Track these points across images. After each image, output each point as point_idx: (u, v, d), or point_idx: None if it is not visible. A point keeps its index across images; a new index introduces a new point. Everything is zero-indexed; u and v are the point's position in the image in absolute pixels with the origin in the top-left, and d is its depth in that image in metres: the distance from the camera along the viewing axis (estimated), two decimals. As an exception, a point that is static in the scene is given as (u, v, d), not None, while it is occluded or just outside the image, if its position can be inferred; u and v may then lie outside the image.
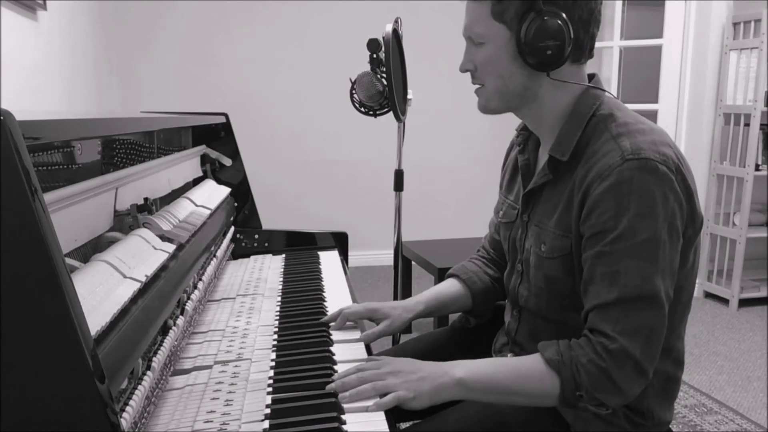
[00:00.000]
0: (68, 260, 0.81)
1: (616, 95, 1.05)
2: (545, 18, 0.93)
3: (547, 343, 0.96)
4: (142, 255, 0.93)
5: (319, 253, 1.71)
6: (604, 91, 1.04)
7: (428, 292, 1.25)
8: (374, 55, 1.84)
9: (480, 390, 0.93)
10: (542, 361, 0.93)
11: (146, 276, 0.87)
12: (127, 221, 1.03)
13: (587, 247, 0.94)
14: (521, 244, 1.12)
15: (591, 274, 0.93)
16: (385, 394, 0.88)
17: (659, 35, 3.56)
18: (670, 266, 0.92)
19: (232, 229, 1.71)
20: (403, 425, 1.25)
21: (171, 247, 1.04)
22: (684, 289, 1.00)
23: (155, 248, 0.99)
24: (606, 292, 0.91)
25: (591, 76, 1.06)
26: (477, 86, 1.06)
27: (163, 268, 0.96)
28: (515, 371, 0.95)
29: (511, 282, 1.17)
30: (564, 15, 0.94)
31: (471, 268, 1.28)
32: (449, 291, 1.25)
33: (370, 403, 0.86)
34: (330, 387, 0.88)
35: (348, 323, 1.16)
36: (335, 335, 1.11)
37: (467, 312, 1.29)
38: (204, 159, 1.75)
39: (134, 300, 0.80)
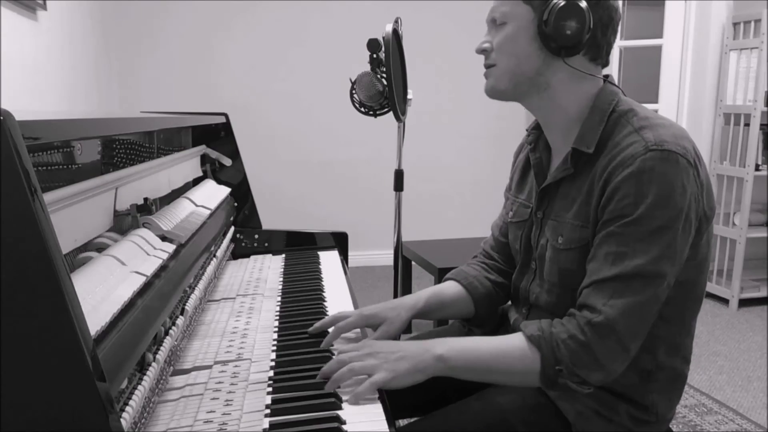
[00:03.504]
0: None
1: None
2: (569, 1, 0.97)
3: (529, 321, 0.98)
4: (141, 255, 0.93)
5: (319, 253, 1.71)
6: (620, 89, 1.06)
7: (427, 290, 1.22)
8: (374, 55, 1.84)
9: (461, 367, 0.94)
10: (524, 338, 0.95)
11: (148, 274, 0.87)
12: (127, 221, 1.03)
13: (601, 229, 0.96)
14: (536, 241, 1.12)
15: (596, 252, 0.95)
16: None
17: (659, 35, 3.56)
18: (679, 256, 0.93)
19: (232, 229, 1.71)
20: (403, 422, 1.25)
21: (171, 247, 1.04)
22: (697, 284, 1.01)
23: (155, 248, 0.99)
24: (607, 269, 0.93)
25: (605, 77, 1.07)
26: (488, 67, 1.07)
27: (162, 268, 0.96)
28: (496, 348, 0.96)
29: (522, 281, 1.16)
30: (586, 5, 0.97)
31: (471, 273, 1.25)
32: (449, 291, 1.23)
33: (348, 396, 0.85)
34: (318, 378, 0.89)
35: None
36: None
37: (468, 320, 1.26)
38: (204, 159, 1.75)
39: (134, 300, 0.80)
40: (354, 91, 1.86)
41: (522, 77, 1.03)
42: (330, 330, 1.08)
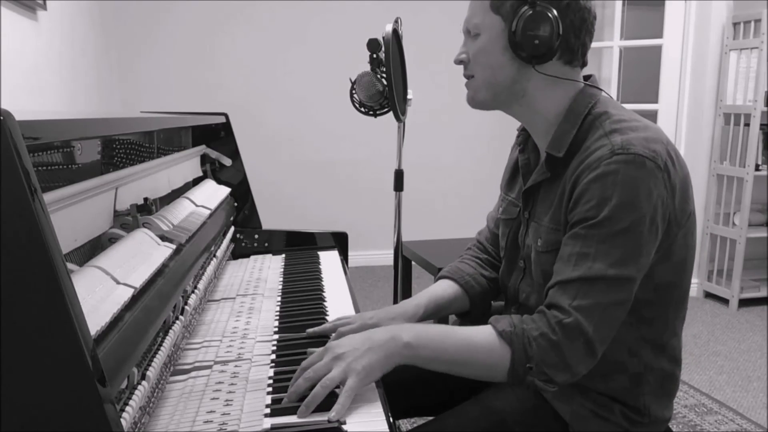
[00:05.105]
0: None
1: (616, 95, 1.07)
2: (537, 10, 0.97)
3: (499, 316, 0.98)
4: (141, 255, 0.93)
5: (319, 253, 1.71)
6: (600, 90, 1.05)
7: (425, 295, 1.22)
8: (374, 55, 1.84)
9: (428, 357, 0.93)
10: (494, 332, 0.95)
11: (146, 277, 0.87)
12: (126, 221, 1.03)
13: (567, 231, 0.96)
14: (522, 241, 1.13)
15: (562, 253, 0.96)
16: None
17: (659, 35, 3.56)
18: (644, 258, 0.93)
19: (232, 229, 1.72)
20: (403, 422, 1.25)
21: (171, 247, 1.04)
22: (676, 285, 1.01)
23: (155, 248, 0.99)
24: (570, 270, 0.93)
25: (587, 78, 1.06)
26: (467, 79, 1.07)
27: (162, 268, 0.96)
28: (465, 340, 0.95)
29: (510, 279, 1.17)
30: (555, 12, 0.97)
31: (466, 270, 1.26)
32: (446, 293, 1.22)
33: (331, 414, 0.81)
34: (284, 402, 0.84)
35: None
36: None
37: (463, 315, 1.27)
38: (204, 159, 1.75)
39: (134, 300, 0.80)
40: (354, 91, 1.86)
41: (499, 87, 1.04)
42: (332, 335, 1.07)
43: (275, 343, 1.07)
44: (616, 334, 0.95)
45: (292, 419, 0.81)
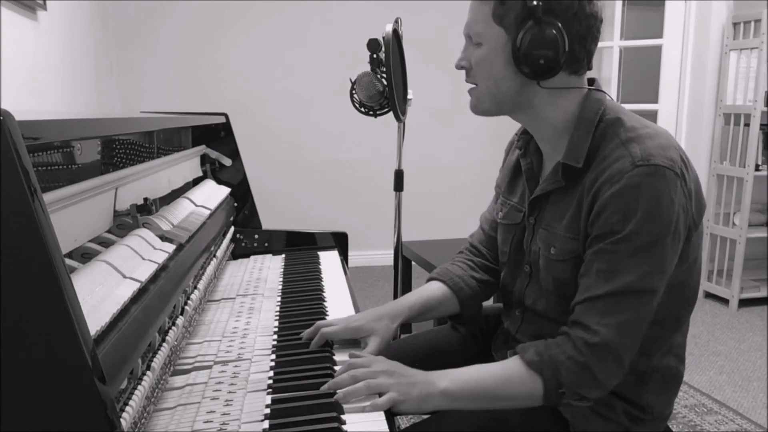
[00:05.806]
0: (67, 261, 0.81)
1: (616, 95, 1.06)
2: (542, 27, 0.94)
3: (524, 345, 0.98)
4: (141, 255, 0.93)
5: (319, 253, 1.71)
6: (605, 93, 1.04)
7: (413, 295, 1.21)
8: (374, 55, 1.84)
9: (465, 398, 0.95)
10: (522, 363, 0.95)
11: (146, 277, 0.87)
12: (126, 221, 1.03)
13: (591, 245, 0.96)
14: (528, 246, 1.12)
15: (588, 268, 0.96)
16: (379, 394, 0.88)
17: (659, 35, 3.56)
18: (668, 269, 0.94)
19: (232, 229, 1.71)
20: (403, 422, 1.24)
21: (170, 248, 1.04)
22: (686, 285, 1.01)
23: (155, 248, 0.99)
24: (600, 287, 0.93)
25: (590, 81, 1.06)
26: (470, 86, 1.06)
27: (162, 268, 0.96)
28: (498, 376, 0.96)
29: (515, 284, 1.16)
30: (561, 27, 0.95)
31: (456, 272, 1.25)
32: (435, 294, 1.22)
33: (366, 403, 0.86)
34: (324, 387, 0.88)
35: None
36: (338, 342, 1.09)
37: (454, 318, 1.26)
38: (204, 159, 1.75)
39: (134, 300, 0.80)
40: (354, 91, 1.86)
41: (503, 97, 1.02)
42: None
43: (275, 343, 1.07)
44: None
45: (291, 419, 0.81)
